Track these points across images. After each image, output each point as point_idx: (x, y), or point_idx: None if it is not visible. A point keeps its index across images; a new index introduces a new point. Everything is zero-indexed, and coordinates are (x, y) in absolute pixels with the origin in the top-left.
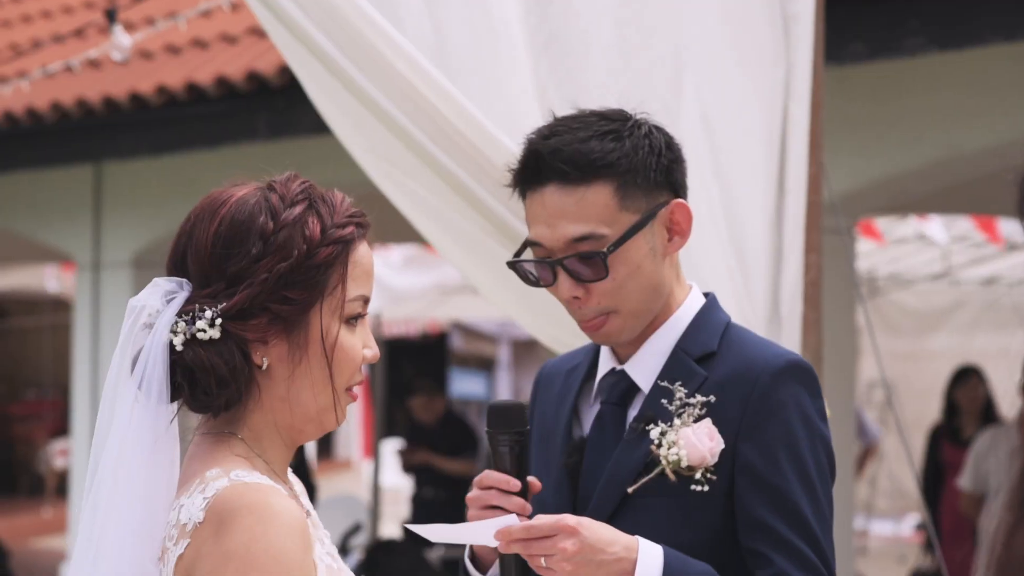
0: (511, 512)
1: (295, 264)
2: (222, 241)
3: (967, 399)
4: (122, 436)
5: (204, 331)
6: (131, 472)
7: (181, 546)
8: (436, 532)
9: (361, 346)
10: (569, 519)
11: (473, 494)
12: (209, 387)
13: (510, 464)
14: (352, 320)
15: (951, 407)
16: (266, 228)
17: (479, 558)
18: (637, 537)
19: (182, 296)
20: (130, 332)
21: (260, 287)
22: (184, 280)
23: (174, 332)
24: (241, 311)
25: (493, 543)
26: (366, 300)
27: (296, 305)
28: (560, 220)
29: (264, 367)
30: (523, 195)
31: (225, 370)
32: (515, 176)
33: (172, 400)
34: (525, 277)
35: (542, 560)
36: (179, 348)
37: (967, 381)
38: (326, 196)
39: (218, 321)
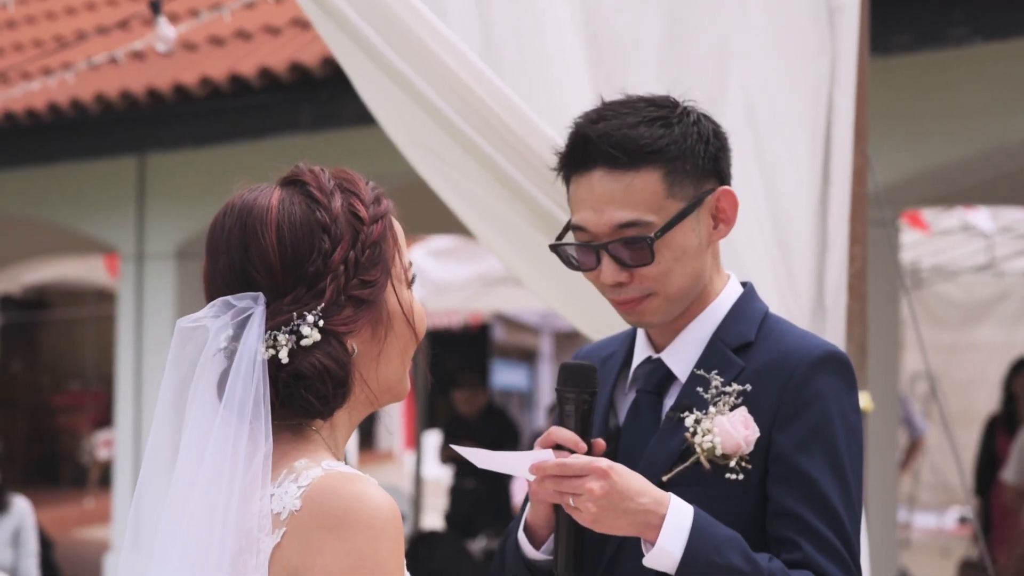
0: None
1: (361, 247)
2: (290, 246)
3: (1023, 390)
4: (212, 465)
5: (307, 337)
6: (226, 498)
7: (277, 535)
8: (478, 457)
9: None
10: (602, 462)
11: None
12: (325, 390)
13: (576, 424)
14: (410, 285)
15: (1009, 397)
16: (324, 222)
17: (532, 532)
18: (670, 494)
19: (259, 311)
20: (206, 358)
21: (343, 277)
22: (258, 294)
23: (273, 347)
24: (330, 307)
25: (529, 476)
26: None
27: (375, 286)
28: (607, 205)
29: (355, 355)
30: (567, 179)
31: (337, 369)
32: (561, 160)
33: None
34: (567, 261)
35: (571, 499)
36: (285, 360)
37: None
38: (348, 178)
39: (321, 323)
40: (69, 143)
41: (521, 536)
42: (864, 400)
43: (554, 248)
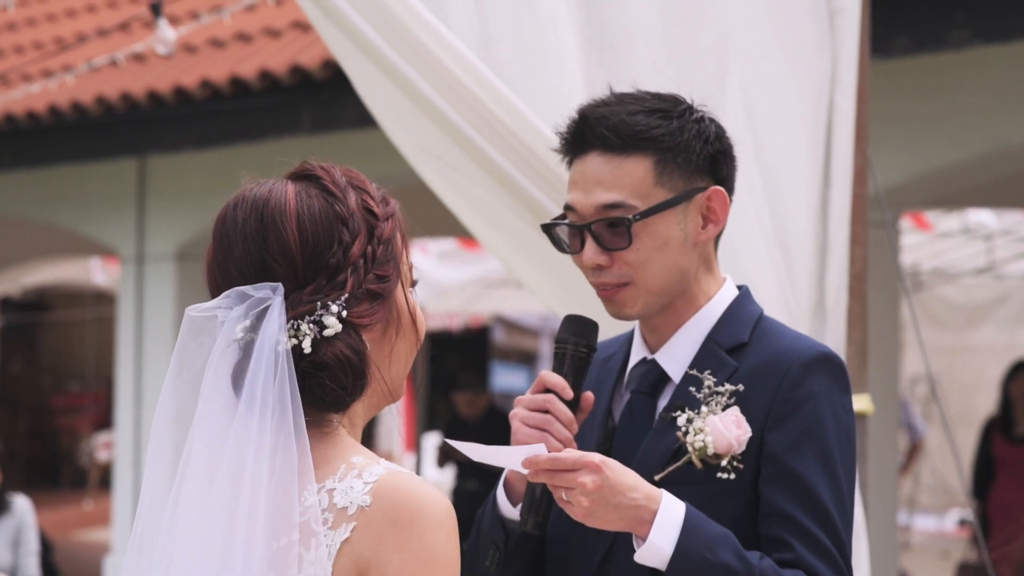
0: (557, 419)
1: (377, 241)
2: (311, 237)
3: (1020, 394)
4: (233, 463)
5: (330, 327)
6: (251, 497)
7: (345, 530)
8: (472, 450)
9: None
10: (595, 456)
11: (524, 396)
12: (345, 381)
13: (568, 372)
14: (412, 287)
15: (1006, 400)
16: (343, 214)
17: (511, 488)
18: (662, 490)
19: (278, 301)
20: (219, 350)
21: (362, 271)
22: (276, 285)
23: (296, 336)
24: (350, 299)
25: (522, 470)
26: (413, 266)
27: (389, 281)
28: (595, 187)
29: (367, 350)
30: (570, 163)
31: (357, 360)
32: (562, 140)
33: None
34: (556, 242)
35: (563, 493)
36: (308, 350)
37: (1019, 376)
38: (357, 176)
39: (344, 314)
40: (69, 145)
41: (500, 493)
42: (864, 402)
43: (546, 229)
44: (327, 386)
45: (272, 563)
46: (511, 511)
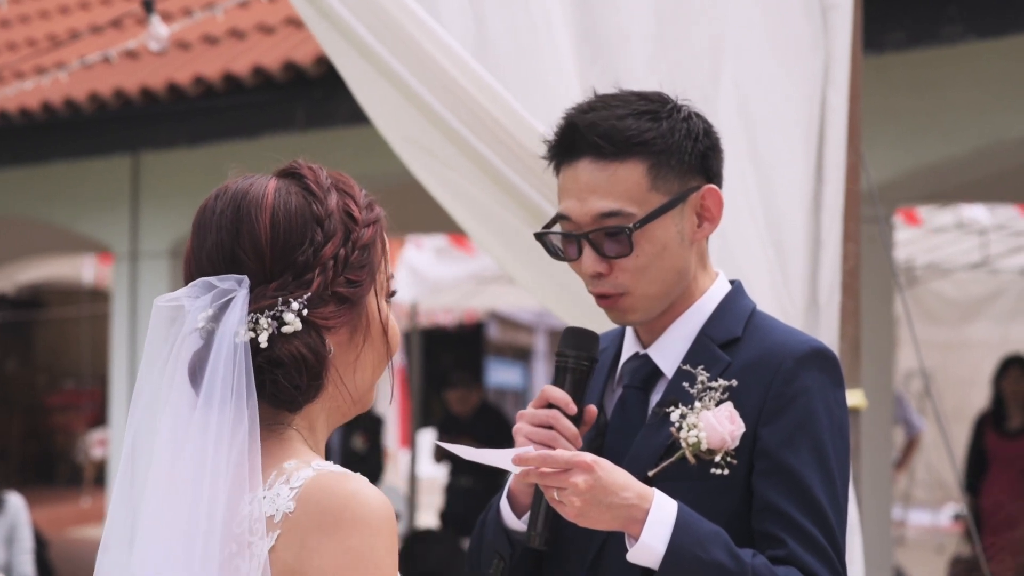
0: (562, 435)
1: (352, 246)
2: (283, 233)
3: (1011, 390)
4: (193, 457)
5: (289, 324)
6: (210, 495)
7: (271, 538)
8: (464, 451)
9: None
10: (587, 456)
11: (527, 411)
12: (299, 380)
13: (570, 386)
14: (389, 297)
15: (998, 396)
16: (319, 214)
17: (515, 499)
18: (654, 489)
19: (243, 294)
20: (182, 338)
21: (332, 272)
22: (242, 277)
23: (254, 330)
24: (315, 299)
25: (513, 469)
26: (392, 277)
27: (360, 287)
28: (590, 195)
29: (331, 353)
30: (557, 169)
31: (314, 360)
32: (550, 148)
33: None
34: (551, 250)
35: (555, 493)
36: (264, 345)
37: (1010, 372)
38: (344, 180)
39: (304, 312)
40: (63, 142)
41: (504, 504)
42: (857, 398)
43: (539, 237)
44: (280, 383)
45: (222, 572)
46: (515, 522)
